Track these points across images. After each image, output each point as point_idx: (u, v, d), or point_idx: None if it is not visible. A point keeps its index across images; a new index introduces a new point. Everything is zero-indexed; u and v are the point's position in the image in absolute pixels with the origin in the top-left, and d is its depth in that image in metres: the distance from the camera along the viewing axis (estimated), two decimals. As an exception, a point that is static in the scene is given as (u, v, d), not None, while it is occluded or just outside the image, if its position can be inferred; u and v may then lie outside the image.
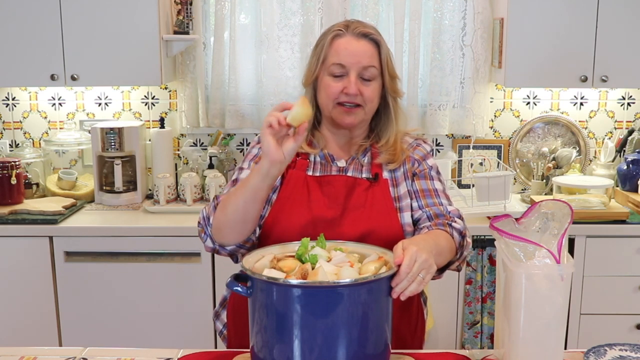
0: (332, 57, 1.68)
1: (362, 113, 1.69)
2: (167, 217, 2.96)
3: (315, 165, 1.74)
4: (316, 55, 1.71)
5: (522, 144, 3.32)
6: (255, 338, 1.37)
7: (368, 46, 1.68)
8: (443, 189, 1.76)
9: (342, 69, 1.66)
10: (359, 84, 1.67)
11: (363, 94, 1.67)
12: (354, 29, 1.69)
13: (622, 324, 2.88)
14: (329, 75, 1.68)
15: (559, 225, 1.36)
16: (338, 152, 1.76)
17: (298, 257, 1.43)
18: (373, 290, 1.32)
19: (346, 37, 1.68)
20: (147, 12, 2.92)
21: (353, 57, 1.66)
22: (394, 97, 1.75)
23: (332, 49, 1.68)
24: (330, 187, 1.69)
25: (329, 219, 1.65)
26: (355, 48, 1.67)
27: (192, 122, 3.29)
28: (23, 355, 1.57)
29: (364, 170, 1.74)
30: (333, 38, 1.69)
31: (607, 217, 2.83)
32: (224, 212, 1.58)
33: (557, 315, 1.34)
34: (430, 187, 1.73)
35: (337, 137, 1.76)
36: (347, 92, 1.66)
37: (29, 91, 3.31)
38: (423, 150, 1.79)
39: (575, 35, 2.93)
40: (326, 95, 1.69)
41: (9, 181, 2.97)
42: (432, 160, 1.79)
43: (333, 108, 1.69)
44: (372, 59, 1.68)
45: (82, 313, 2.87)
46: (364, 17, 3.13)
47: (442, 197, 1.73)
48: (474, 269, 2.84)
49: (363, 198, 1.67)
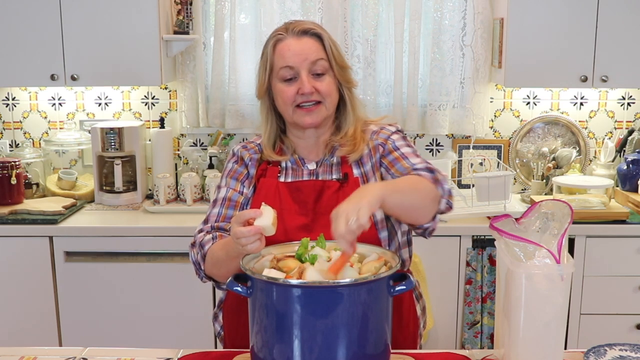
0: (278, 62, 1.67)
1: (323, 109, 1.69)
2: (167, 217, 2.96)
3: (287, 171, 1.75)
4: (263, 65, 1.71)
5: (522, 144, 3.32)
6: (255, 338, 1.37)
7: (311, 42, 1.68)
8: (413, 152, 1.71)
9: (291, 70, 1.66)
10: (313, 81, 1.66)
11: (319, 90, 1.67)
12: (293, 29, 1.69)
13: (622, 324, 2.88)
14: (280, 82, 1.68)
15: (559, 225, 1.36)
16: (308, 154, 1.76)
17: (298, 257, 1.43)
18: (373, 290, 1.32)
19: (287, 39, 1.68)
20: (147, 12, 2.92)
21: (299, 56, 1.66)
22: (348, 87, 1.74)
23: (276, 54, 1.68)
24: (300, 193, 1.69)
25: (300, 225, 1.65)
26: (298, 47, 1.66)
27: (192, 122, 3.29)
28: (23, 355, 1.57)
29: (334, 171, 1.73)
30: (275, 43, 1.69)
31: (607, 217, 2.83)
32: (212, 267, 1.62)
33: (557, 315, 1.34)
34: (397, 155, 1.70)
35: (304, 139, 1.76)
36: (303, 92, 1.65)
37: (29, 91, 3.31)
38: (386, 132, 1.76)
39: (575, 35, 2.93)
40: (282, 102, 1.69)
41: (9, 181, 2.97)
42: (396, 135, 1.75)
43: (293, 112, 1.69)
44: (318, 52, 1.68)
45: (82, 313, 2.87)
46: (364, 17, 3.14)
47: (411, 157, 1.69)
48: (474, 269, 2.84)
49: (333, 201, 1.65)
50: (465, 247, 2.83)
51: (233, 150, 1.82)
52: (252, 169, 1.76)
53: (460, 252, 2.84)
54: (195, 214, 2.97)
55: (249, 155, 1.78)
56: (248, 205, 1.73)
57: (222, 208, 1.73)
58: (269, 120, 1.76)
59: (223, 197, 1.74)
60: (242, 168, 1.78)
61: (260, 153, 1.78)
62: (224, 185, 1.77)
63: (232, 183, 1.76)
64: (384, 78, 3.25)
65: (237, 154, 1.80)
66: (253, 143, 1.81)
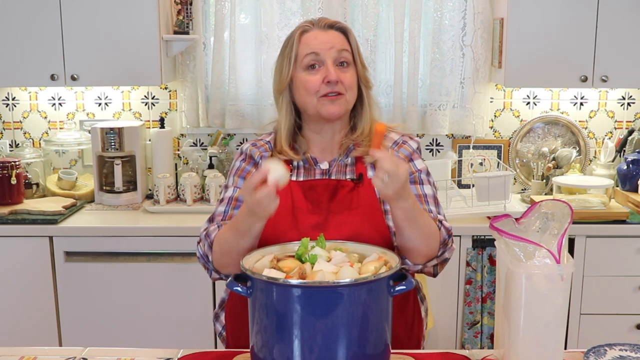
0: (303, 49, 1.67)
1: (344, 101, 1.68)
2: (167, 217, 2.96)
3: (298, 170, 1.73)
4: (287, 57, 1.69)
5: (522, 144, 3.32)
6: (255, 338, 1.37)
7: (337, 34, 1.69)
8: (433, 194, 1.72)
9: (316, 57, 1.66)
10: (338, 71, 1.66)
11: (343, 81, 1.66)
12: (319, 22, 1.70)
13: (622, 324, 2.88)
14: (304, 71, 1.67)
15: (559, 225, 1.36)
16: (321, 154, 1.75)
17: (298, 257, 1.43)
18: (373, 290, 1.32)
19: (314, 30, 1.69)
20: (147, 12, 2.92)
21: (325, 44, 1.66)
22: (366, 86, 1.75)
23: (302, 43, 1.68)
24: (313, 192, 1.68)
25: (313, 224, 1.63)
26: (325, 37, 1.67)
27: (192, 122, 3.29)
28: (23, 355, 1.57)
29: (348, 171, 1.72)
30: (301, 34, 1.69)
31: (607, 217, 2.83)
32: (221, 254, 1.59)
33: (557, 315, 1.34)
34: (420, 193, 1.70)
35: (321, 135, 1.74)
36: (329, 80, 1.64)
37: (29, 91, 3.31)
38: (408, 148, 1.75)
39: (575, 35, 2.93)
40: (306, 92, 1.66)
41: (9, 181, 2.97)
42: (420, 161, 1.75)
43: (317, 102, 1.66)
44: (344, 44, 1.69)
45: (82, 313, 2.87)
46: (364, 17, 3.14)
47: (432, 203, 1.69)
48: (474, 269, 2.84)
49: (347, 200, 1.65)
50: (465, 247, 2.83)
51: (242, 149, 1.80)
52: None
53: (460, 252, 2.84)
54: (195, 214, 2.97)
55: (260, 153, 1.75)
56: None
57: (228, 207, 1.71)
58: (287, 117, 1.73)
59: (230, 197, 1.72)
60: (250, 166, 1.75)
61: (271, 151, 1.76)
62: (232, 185, 1.74)
63: (240, 182, 1.73)
64: (384, 78, 3.25)
65: (245, 152, 1.78)
66: (263, 141, 1.79)
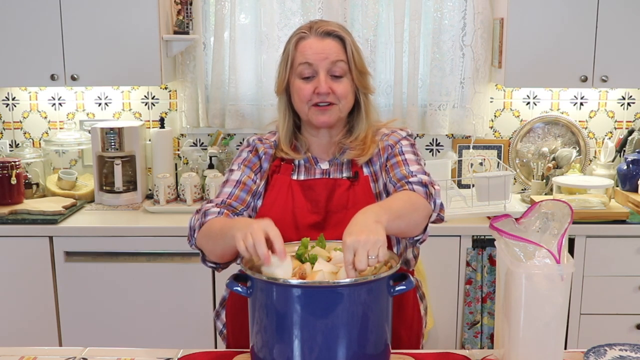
0: (298, 58, 1.69)
1: (336, 110, 1.70)
2: (167, 217, 2.96)
3: (299, 169, 1.76)
4: (284, 61, 1.72)
5: (522, 144, 3.32)
6: (255, 338, 1.37)
7: (333, 43, 1.69)
8: (416, 160, 1.71)
9: (310, 68, 1.67)
10: (330, 82, 1.67)
11: (335, 91, 1.68)
12: (317, 29, 1.69)
13: (622, 324, 2.88)
14: (299, 79, 1.69)
15: (559, 225, 1.36)
16: (321, 153, 1.78)
17: (298, 257, 1.43)
18: (373, 290, 1.32)
19: (310, 38, 1.69)
20: (147, 12, 2.92)
21: (319, 55, 1.67)
22: (365, 93, 1.75)
23: (297, 51, 1.69)
24: (312, 192, 1.70)
25: (312, 223, 1.66)
26: (320, 47, 1.67)
27: (192, 122, 3.29)
28: (23, 355, 1.57)
29: (344, 170, 1.74)
30: (297, 41, 1.70)
31: (607, 217, 2.83)
32: (205, 238, 1.58)
33: (557, 315, 1.34)
34: (399, 160, 1.71)
35: (318, 138, 1.77)
36: (319, 92, 1.66)
37: (29, 91, 3.31)
38: (397, 136, 1.78)
39: (575, 35, 2.93)
40: (299, 99, 1.70)
41: (9, 181, 2.97)
42: (406, 141, 1.76)
43: (308, 110, 1.70)
44: (339, 54, 1.68)
45: (82, 313, 2.87)
46: (364, 17, 3.13)
47: (412, 164, 1.69)
48: (474, 269, 2.84)
49: (345, 199, 1.67)
50: (465, 247, 2.83)
51: (248, 140, 1.82)
52: (266, 163, 1.77)
53: (460, 252, 2.84)
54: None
55: (264, 149, 1.78)
56: (260, 198, 1.73)
57: (235, 189, 1.71)
58: (286, 117, 1.77)
59: (237, 180, 1.73)
60: (255, 159, 1.78)
61: (275, 149, 1.78)
62: (237, 169, 1.75)
63: (247, 171, 1.75)
64: (384, 78, 3.25)
65: (252, 144, 1.80)
66: (268, 139, 1.81)
